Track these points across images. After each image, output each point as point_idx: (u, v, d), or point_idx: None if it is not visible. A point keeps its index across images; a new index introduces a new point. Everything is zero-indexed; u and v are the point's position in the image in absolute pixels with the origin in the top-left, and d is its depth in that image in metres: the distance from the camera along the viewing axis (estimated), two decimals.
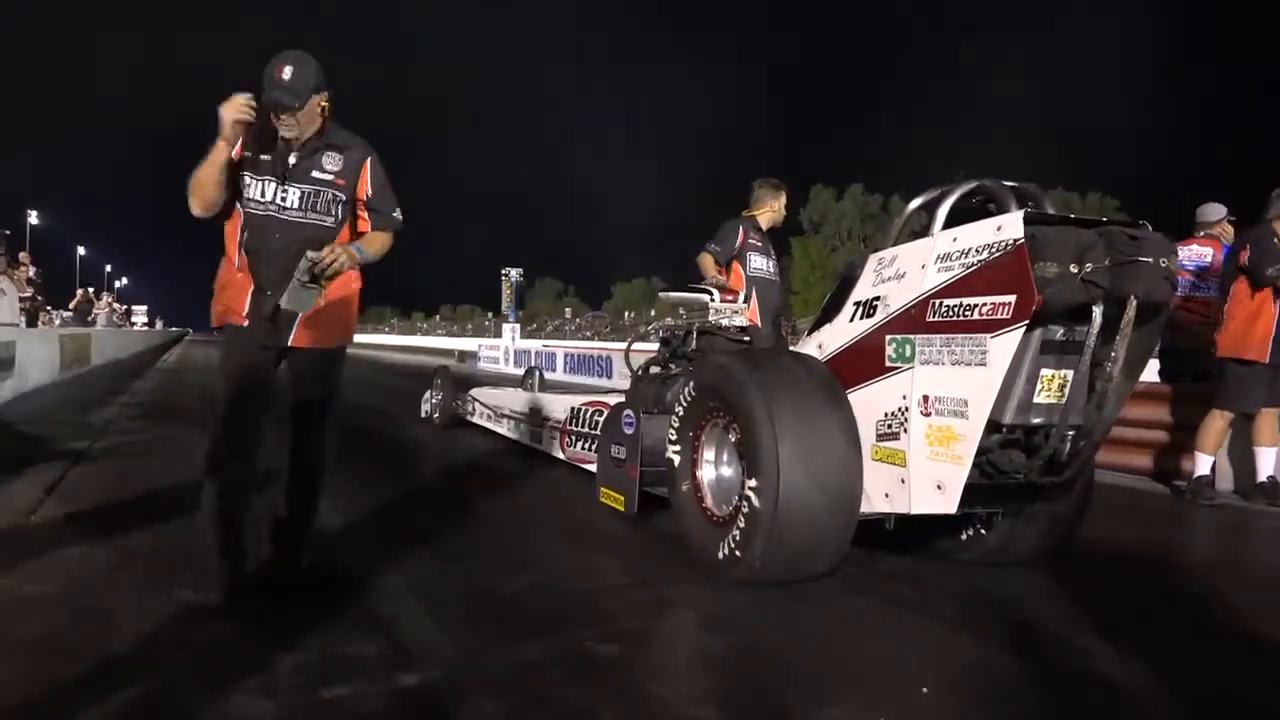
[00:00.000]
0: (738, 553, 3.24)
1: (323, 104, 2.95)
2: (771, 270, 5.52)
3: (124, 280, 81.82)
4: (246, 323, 2.98)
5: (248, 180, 2.94)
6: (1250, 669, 2.76)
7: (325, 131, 3.00)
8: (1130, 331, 2.86)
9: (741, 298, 5.09)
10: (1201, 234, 6.72)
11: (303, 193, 2.97)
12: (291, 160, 2.96)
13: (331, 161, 3.01)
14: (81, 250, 66.20)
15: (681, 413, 3.76)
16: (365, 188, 3.09)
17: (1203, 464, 5.56)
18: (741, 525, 3.23)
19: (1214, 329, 5.88)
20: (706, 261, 5.35)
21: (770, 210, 5.56)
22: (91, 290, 26.72)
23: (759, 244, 5.45)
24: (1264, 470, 5.48)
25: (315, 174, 2.99)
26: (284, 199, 2.96)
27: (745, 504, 3.21)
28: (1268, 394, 5.42)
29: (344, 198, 3.06)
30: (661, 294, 5.49)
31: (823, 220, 64.63)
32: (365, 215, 3.14)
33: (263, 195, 2.95)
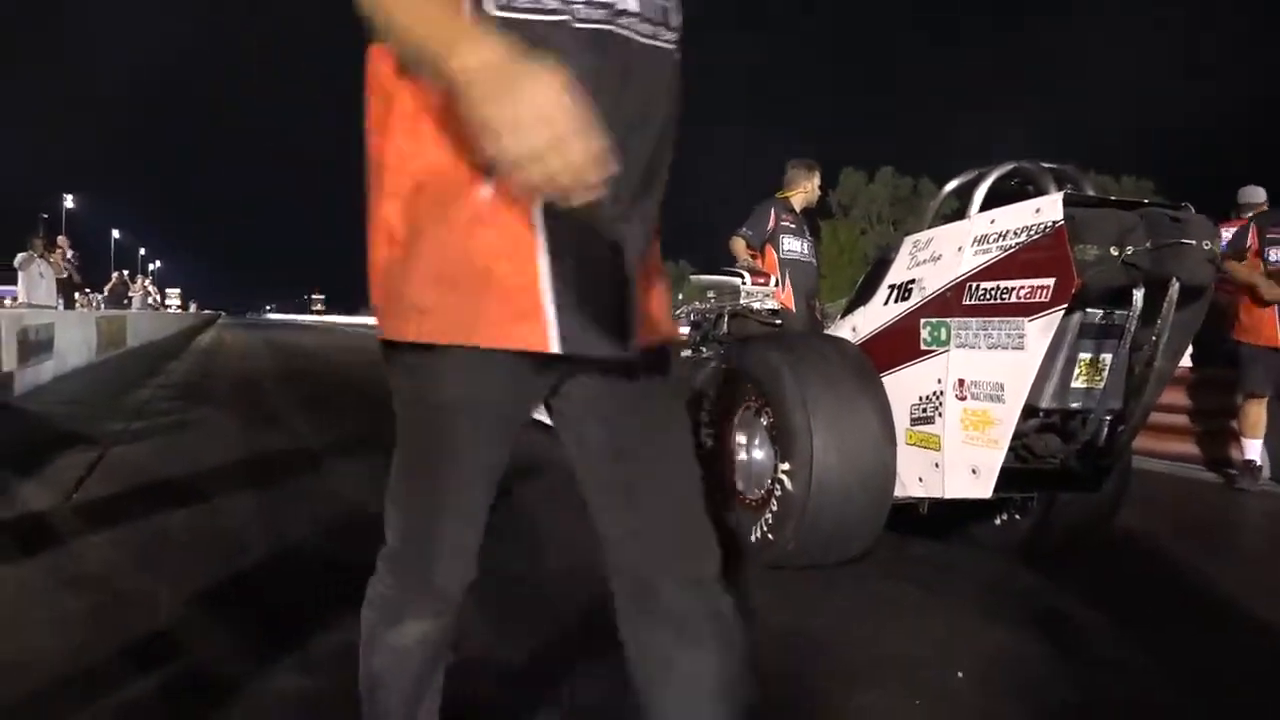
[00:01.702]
0: (770, 536, 3.23)
1: None
2: (806, 252, 5.46)
3: (157, 263, 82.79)
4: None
5: None
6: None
7: None
8: (1171, 315, 2.81)
9: (773, 281, 5.05)
10: (1235, 215, 6.61)
11: None
12: None
13: None
14: (116, 234, 67.07)
15: (713, 396, 3.75)
16: None
17: (1250, 449, 5.52)
18: (774, 509, 3.22)
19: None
20: (738, 245, 5.33)
21: (804, 191, 5.51)
22: (126, 273, 27.09)
23: (792, 226, 5.40)
24: None
25: None
26: None
27: (778, 487, 3.20)
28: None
29: None
30: (692, 277, 5.48)
31: (853, 203, 64.19)
32: None
33: None
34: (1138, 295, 2.79)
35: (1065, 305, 2.67)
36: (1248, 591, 3.30)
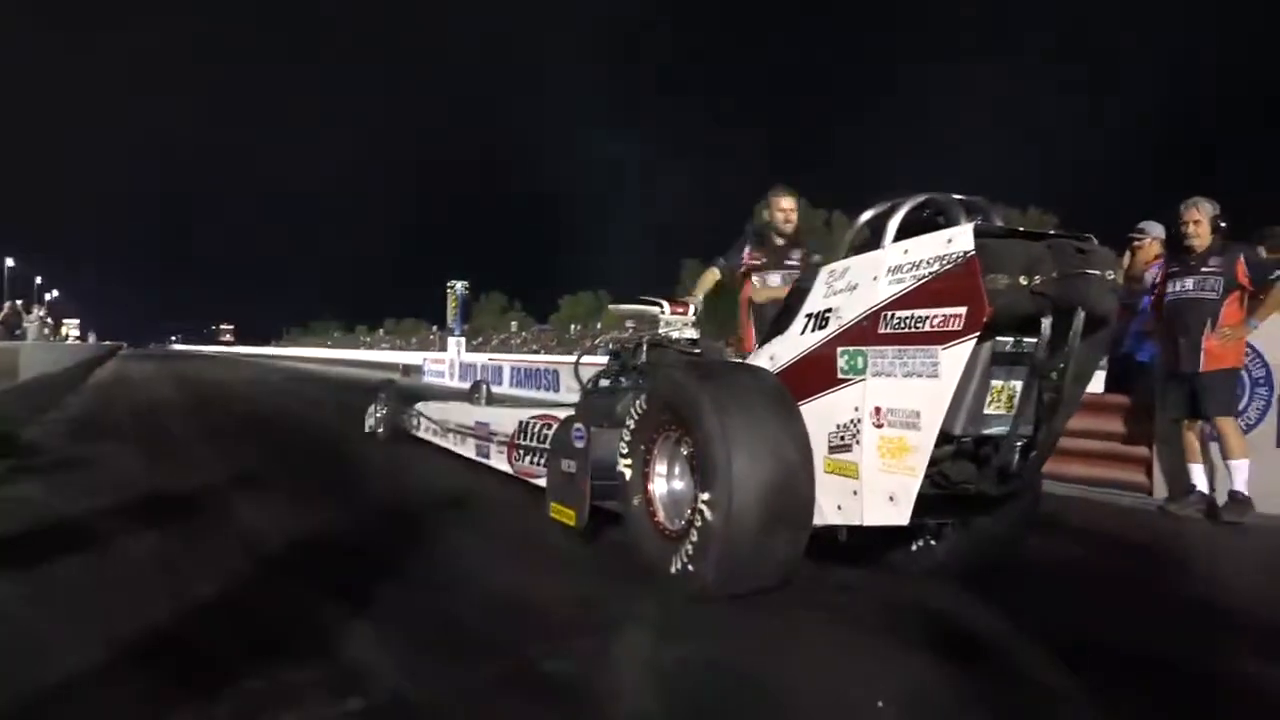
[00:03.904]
0: (690, 566, 3.20)
1: None
2: (778, 284, 5.32)
3: (54, 293, 79.36)
4: None
5: None
6: (1192, 684, 2.80)
7: None
8: (1078, 343, 2.89)
9: (693, 311, 4.97)
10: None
11: None
12: None
13: None
14: (10, 261, 64.00)
15: (633, 426, 3.72)
16: None
17: (1193, 474, 5.64)
18: (694, 539, 3.19)
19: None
20: (706, 276, 5.36)
21: (774, 216, 5.49)
22: (20, 302, 25.90)
23: (763, 259, 5.36)
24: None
25: None
26: None
27: (698, 518, 3.18)
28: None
29: None
30: (611, 306, 5.45)
31: None
32: None
33: None
34: (1045, 324, 2.86)
35: (977, 333, 2.71)
36: (1153, 606, 3.39)
